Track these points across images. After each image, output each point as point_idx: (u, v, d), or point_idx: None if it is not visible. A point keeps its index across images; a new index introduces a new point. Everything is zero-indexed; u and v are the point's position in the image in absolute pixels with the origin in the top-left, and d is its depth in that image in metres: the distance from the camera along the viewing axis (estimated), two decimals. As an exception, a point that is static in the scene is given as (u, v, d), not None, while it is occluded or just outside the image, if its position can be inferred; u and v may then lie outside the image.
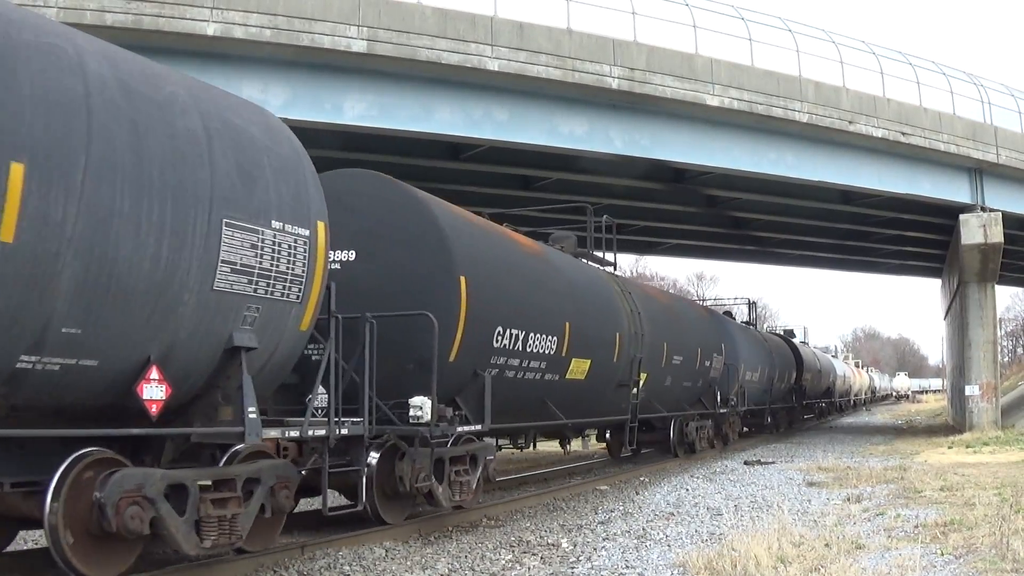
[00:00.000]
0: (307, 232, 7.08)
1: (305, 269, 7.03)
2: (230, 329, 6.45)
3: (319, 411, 8.22)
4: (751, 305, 35.00)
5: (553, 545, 8.88)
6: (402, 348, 8.91)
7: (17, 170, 4.95)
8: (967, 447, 21.28)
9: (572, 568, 7.70)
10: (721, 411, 20.65)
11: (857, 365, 73.99)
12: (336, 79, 17.19)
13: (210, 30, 15.36)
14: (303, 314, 7.12)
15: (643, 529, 9.72)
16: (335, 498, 9.67)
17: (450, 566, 7.80)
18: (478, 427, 9.85)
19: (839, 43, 23.01)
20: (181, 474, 6.28)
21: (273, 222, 6.74)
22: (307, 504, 10.56)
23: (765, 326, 53.18)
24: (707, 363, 19.15)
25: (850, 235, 32.61)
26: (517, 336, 10.66)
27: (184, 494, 6.20)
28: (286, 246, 6.85)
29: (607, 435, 18.91)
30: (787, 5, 52.53)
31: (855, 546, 7.88)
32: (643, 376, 15.29)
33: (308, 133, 17.87)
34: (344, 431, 7.93)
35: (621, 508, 11.54)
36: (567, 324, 11.98)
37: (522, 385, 11.19)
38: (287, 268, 6.86)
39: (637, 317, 14.97)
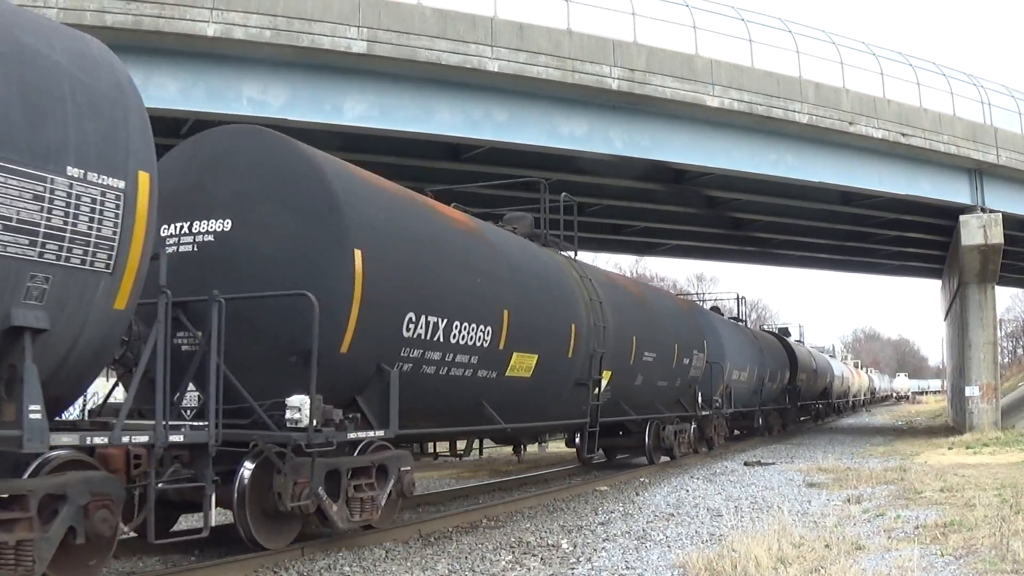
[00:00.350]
0: (122, 184, 5.70)
1: (117, 231, 5.66)
2: (7, 304, 5.15)
3: (188, 411, 7.36)
4: (740, 300, 32.56)
5: (553, 546, 8.87)
6: (282, 337, 7.54)
7: None
8: (967, 448, 21.27)
9: (572, 569, 7.69)
10: (703, 413, 19.26)
11: (856, 366, 73.39)
12: (336, 80, 17.20)
13: (210, 31, 15.36)
14: (116, 288, 5.73)
15: (643, 530, 9.71)
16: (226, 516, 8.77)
17: (450, 567, 7.79)
18: (380, 433, 8.22)
19: (839, 44, 23.03)
20: None
21: (69, 168, 5.41)
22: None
23: (763, 326, 52.96)
24: (686, 360, 17.65)
25: (850, 236, 32.63)
26: (437, 325, 9.00)
27: None
28: (88, 200, 5.49)
29: (576, 439, 16.79)
30: (787, 6, 52.62)
31: (855, 547, 7.87)
32: (606, 374, 13.67)
33: (308, 134, 18.04)
34: (178, 438, 6.46)
35: (621, 509, 11.53)
36: (505, 312, 10.31)
37: (448, 384, 9.59)
38: (89, 228, 5.50)
39: (598, 307, 13.24)
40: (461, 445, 12.88)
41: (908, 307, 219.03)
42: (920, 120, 23.82)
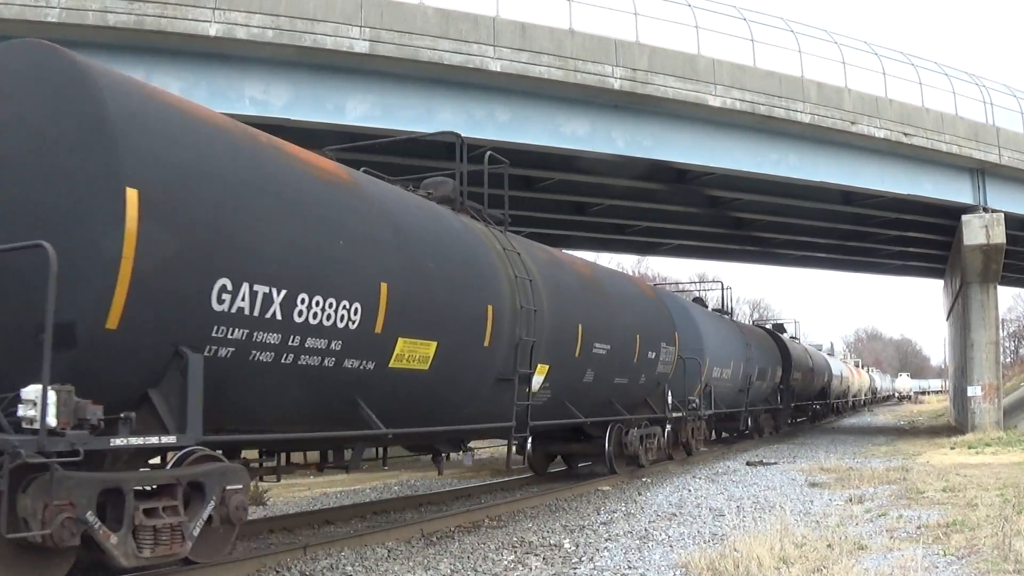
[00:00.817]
0: None
1: None
2: None
3: None
4: (725, 291, 28.68)
5: (555, 546, 8.87)
6: (23, 308, 5.65)
7: None
8: (969, 448, 21.26)
9: (574, 568, 7.69)
10: (675, 415, 17.09)
11: (857, 365, 72.30)
12: (338, 80, 17.22)
13: (212, 31, 15.38)
14: None
15: (645, 530, 9.70)
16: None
17: (452, 566, 7.79)
18: (172, 439, 6.16)
19: (841, 44, 23.03)
20: None
21: None
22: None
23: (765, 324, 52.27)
24: (651, 354, 15.22)
25: (852, 236, 32.62)
26: (270, 298, 6.76)
27: None
28: None
29: (528, 447, 15.47)
30: (789, 6, 52.65)
31: (857, 547, 7.86)
32: (542, 369, 11.33)
33: (311, 133, 18.10)
34: None
35: (623, 509, 11.53)
36: (383, 286, 8.06)
37: (298, 376, 7.29)
38: None
39: (528, 286, 10.85)
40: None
41: (910, 307, 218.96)
42: (922, 120, 23.81)
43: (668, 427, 17.11)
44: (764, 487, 13.68)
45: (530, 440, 15.03)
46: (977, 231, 25.61)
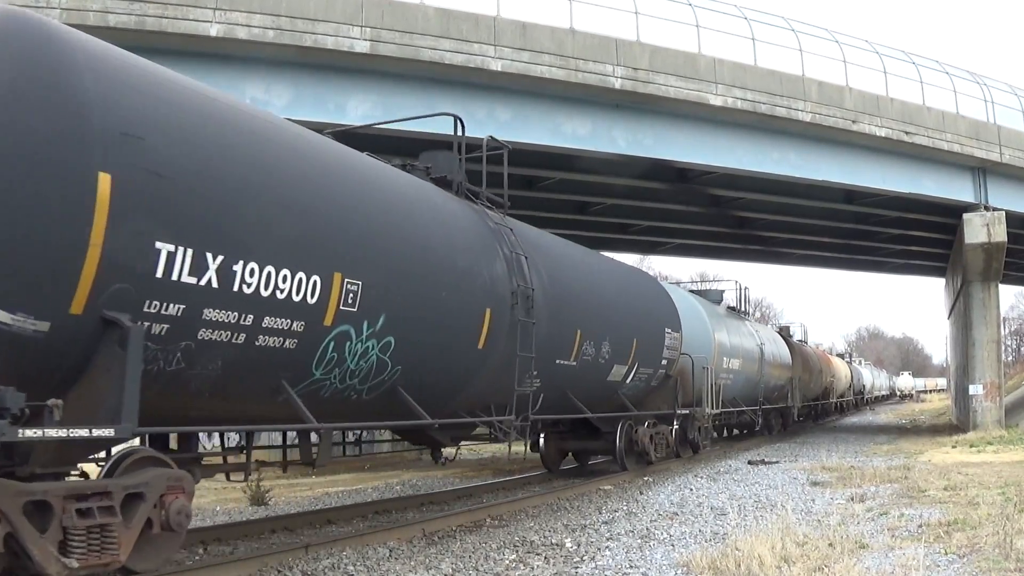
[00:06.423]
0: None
1: None
2: None
3: None
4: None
5: (557, 545, 8.88)
6: None
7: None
8: (971, 446, 21.25)
9: (576, 568, 7.69)
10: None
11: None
12: (339, 79, 17.24)
13: (213, 31, 15.39)
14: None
15: (647, 529, 9.71)
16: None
17: (454, 566, 7.79)
18: None
19: (842, 42, 23.02)
20: None
21: None
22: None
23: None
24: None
25: (854, 234, 32.61)
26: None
27: None
28: None
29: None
30: (790, 5, 52.64)
31: (859, 546, 7.87)
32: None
33: (311, 133, 18.14)
34: None
35: (625, 508, 11.54)
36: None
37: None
38: None
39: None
40: None
41: (912, 306, 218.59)
42: (923, 118, 23.80)
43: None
44: (766, 486, 13.68)
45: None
46: (978, 229, 25.61)
